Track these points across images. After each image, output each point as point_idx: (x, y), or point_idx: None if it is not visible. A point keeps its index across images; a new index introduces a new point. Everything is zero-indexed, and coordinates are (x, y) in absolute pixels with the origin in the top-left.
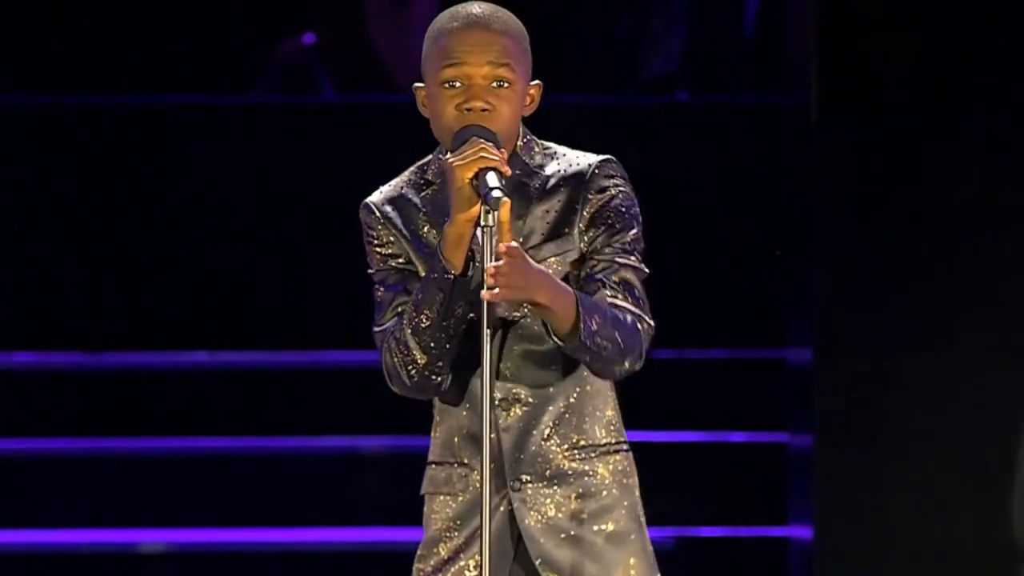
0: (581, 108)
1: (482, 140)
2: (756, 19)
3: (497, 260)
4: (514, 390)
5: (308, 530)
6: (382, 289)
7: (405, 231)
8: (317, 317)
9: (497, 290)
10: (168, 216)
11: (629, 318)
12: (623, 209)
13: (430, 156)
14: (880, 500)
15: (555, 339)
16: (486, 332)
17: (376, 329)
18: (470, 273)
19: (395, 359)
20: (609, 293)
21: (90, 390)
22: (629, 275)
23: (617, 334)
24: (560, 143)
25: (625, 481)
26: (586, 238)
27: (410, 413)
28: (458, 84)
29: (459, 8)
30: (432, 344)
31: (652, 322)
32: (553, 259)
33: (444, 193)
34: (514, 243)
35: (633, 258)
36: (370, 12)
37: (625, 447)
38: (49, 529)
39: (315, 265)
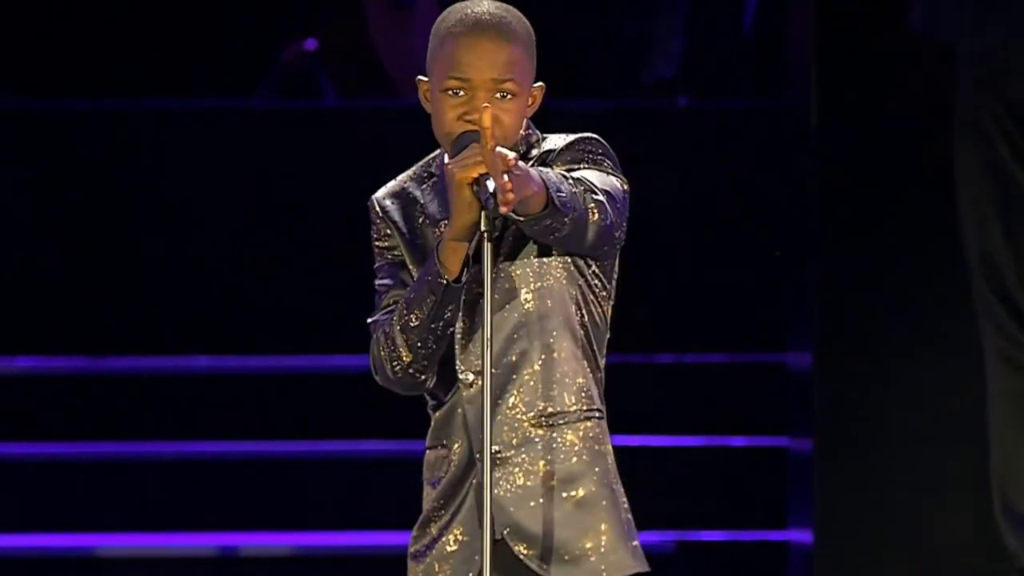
0: (581, 113)
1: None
2: (755, 24)
3: (507, 173)
4: (477, 363)
5: (311, 534)
6: (377, 282)
7: (402, 225)
8: (319, 321)
9: (511, 199)
10: (170, 220)
11: (577, 189)
12: (599, 167)
13: (438, 151)
14: (880, 504)
15: (527, 219)
16: (487, 336)
17: (369, 320)
18: (464, 278)
19: (382, 352)
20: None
21: (92, 394)
22: (589, 174)
23: (574, 203)
24: None
25: (596, 448)
26: None
27: (413, 417)
28: (461, 93)
29: (468, 8)
30: (419, 343)
31: (599, 201)
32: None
33: (438, 184)
34: (511, 153)
35: (594, 187)
36: (372, 17)
37: (598, 414)
38: (52, 533)
39: (317, 270)
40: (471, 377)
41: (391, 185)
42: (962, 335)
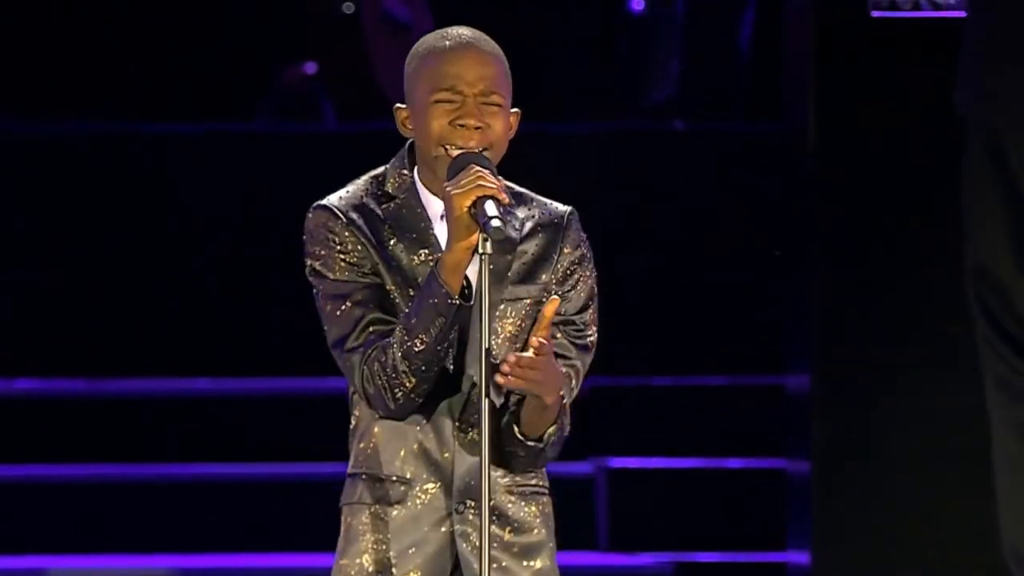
0: (579, 136)
1: (479, 168)
2: (752, 47)
3: (524, 351)
4: (475, 415)
5: (312, 555)
6: (348, 304)
7: (373, 240)
8: (320, 344)
9: (511, 379)
10: (170, 242)
11: (566, 431)
12: (588, 273)
13: (383, 168)
14: (877, 525)
15: (519, 432)
16: (482, 356)
17: (344, 350)
18: (469, 298)
19: (379, 382)
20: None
21: (93, 417)
22: (579, 365)
23: (558, 448)
24: (558, 170)
25: (549, 524)
26: (554, 290)
27: None
28: (452, 102)
29: (447, 30)
30: (423, 368)
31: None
32: (527, 300)
33: (407, 208)
34: (544, 341)
35: (589, 337)
36: (371, 41)
37: (548, 493)
38: (54, 555)
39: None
40: (468, 427)
41: (347, 197)
42: (961, 358)
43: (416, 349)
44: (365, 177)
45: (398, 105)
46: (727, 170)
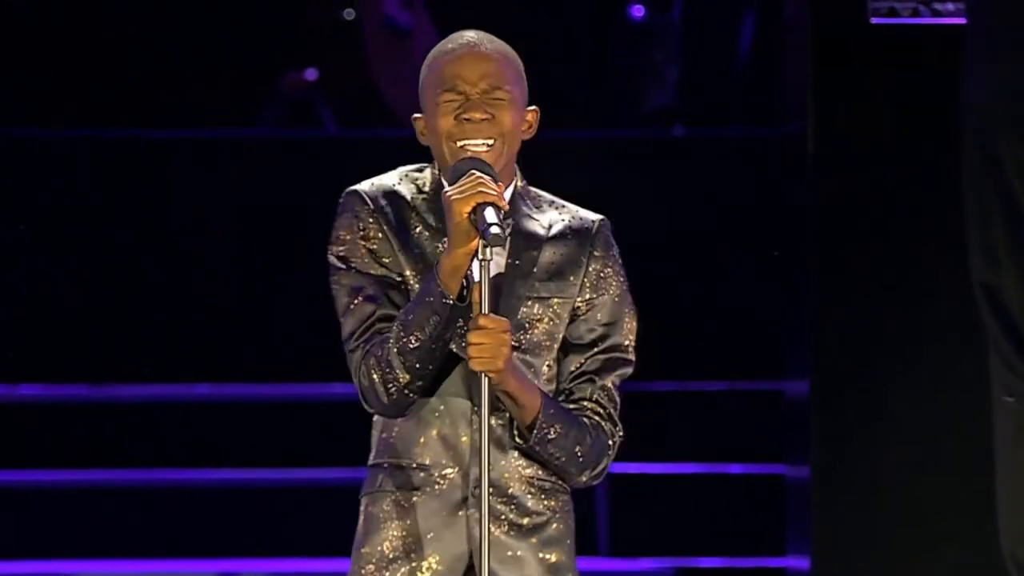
0: (578, 143)
1: (479, 173)
2: (751, 53)
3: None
4: (500, 402)
5: (313, 560)
6: (360, 299)
7: (396, 227)
8: (320, 350)
9: (473, 360)
10: (172, 249)
11: (602, 437)
12: (622, 280)
13: (424, 169)
14: (877, 531)
15: (516, 432)
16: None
17: (350, 345)
18: (466, 299)
19: (374, 377)
20: (590, 407)
21: (95, 422)
22: (615, 378)
23: (577, 449)
24: (558, 177)
25: (568, 522)
26: (586, 296)
27: None
28: (456, 101)
29: (454, 35)
30: (417, 364)
31: (622, 433)
32: (556, 300)
33: (436, 201)
34: (494, 318)
35: (627, 349)
36: (371, 47)
37: (569, 493)
38: (57, 560)
39: (318, 298)
40: (491, 413)
41: (379, 183)
42: (960, 364)
43: (411, 346)
44: (405, 168)
45: (415, 115)
46: (726, 176)
